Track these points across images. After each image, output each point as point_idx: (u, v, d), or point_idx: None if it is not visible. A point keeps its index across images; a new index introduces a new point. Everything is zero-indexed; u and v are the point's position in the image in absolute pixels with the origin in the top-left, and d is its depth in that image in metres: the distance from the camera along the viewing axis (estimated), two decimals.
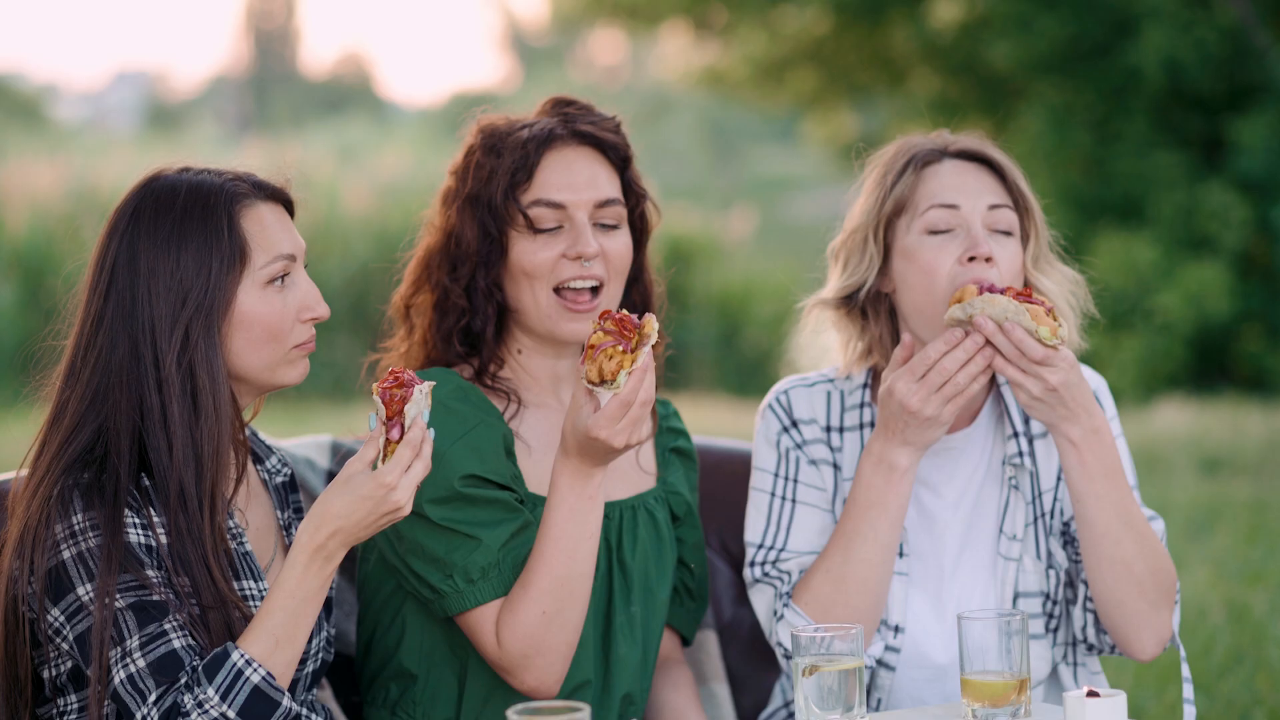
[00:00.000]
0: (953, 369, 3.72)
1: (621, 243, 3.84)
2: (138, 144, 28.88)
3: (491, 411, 3.74)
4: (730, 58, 20.76)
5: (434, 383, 3.43)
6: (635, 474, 3.95)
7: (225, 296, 3.36)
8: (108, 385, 3.35)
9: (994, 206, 3.88)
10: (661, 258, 4.08)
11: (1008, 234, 3.89)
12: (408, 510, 3.29)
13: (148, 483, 3.33)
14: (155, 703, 3.18)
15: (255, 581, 3.44)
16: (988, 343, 3.70)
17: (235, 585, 3.37)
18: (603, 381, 3.44)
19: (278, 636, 3.25)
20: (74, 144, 25.94)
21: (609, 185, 3.85)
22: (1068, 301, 3.98)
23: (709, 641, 4.32)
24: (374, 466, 3.28)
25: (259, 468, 3.68)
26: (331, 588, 3.66)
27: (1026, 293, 3.73)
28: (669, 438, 4.06)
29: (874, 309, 3.98)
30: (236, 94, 51.82)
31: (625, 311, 3.51)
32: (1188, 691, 3.92)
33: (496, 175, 3.80)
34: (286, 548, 3.61)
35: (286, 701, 3.25)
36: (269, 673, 3.22)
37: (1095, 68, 18.21)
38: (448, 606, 3.63)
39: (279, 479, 3.70)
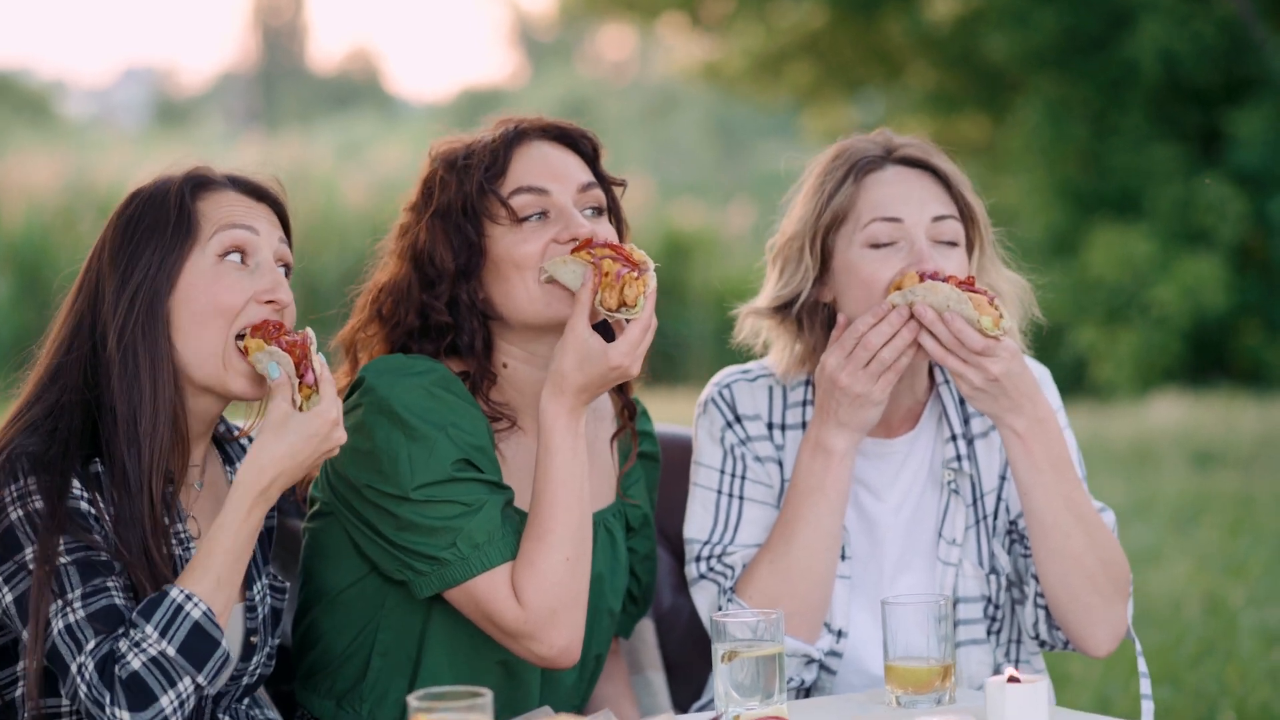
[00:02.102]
0: (877, 344, 3.66)
1: (608, 230, 3.71)
2: (145, 140, 28.93)
3: (475, 404, 3.64)
4: (727, 51, 20.74)
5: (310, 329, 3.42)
6: (606, 485, 3.86)
7: (172, 272, 3.36)
8: (64, 364, 3.37)
9: (938, 218, 3.79)
10: (660, 252, 3.99)
11: (953, 245, 3.80)
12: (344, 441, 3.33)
13: (100, 469, 3.30)
14: (91, 651, 3.13)
15: None
16: (913, 318, 3.65)
17: None
18: (620, 307, 3.46)
19: (220, 576, 3.22)
20: (81, 140, 26.00)
21: (584, 172, 3.75)
22: (1014, 308, 3.91)
23: (645, 629, 4.24)
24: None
25: (228, 469, 3.63)
26: (282, 599, 3.61)
27: (969, 282, 3.67)
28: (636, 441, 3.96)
29: (809, 319, 3.90)
30: (244, 90, 51.87)
31: (604, 239, 3.55)
32: (1145, 686, 3.85)
33: (466, 180, 3.69)
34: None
35: (225, 643, 3.21)
36: (210, 608, 3.19)
37: (1092, 61, 18.19)
38: (450, 576, 3.51)
39: None
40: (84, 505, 3.25)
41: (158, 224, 3.39)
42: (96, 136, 29.14)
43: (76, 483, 3.26)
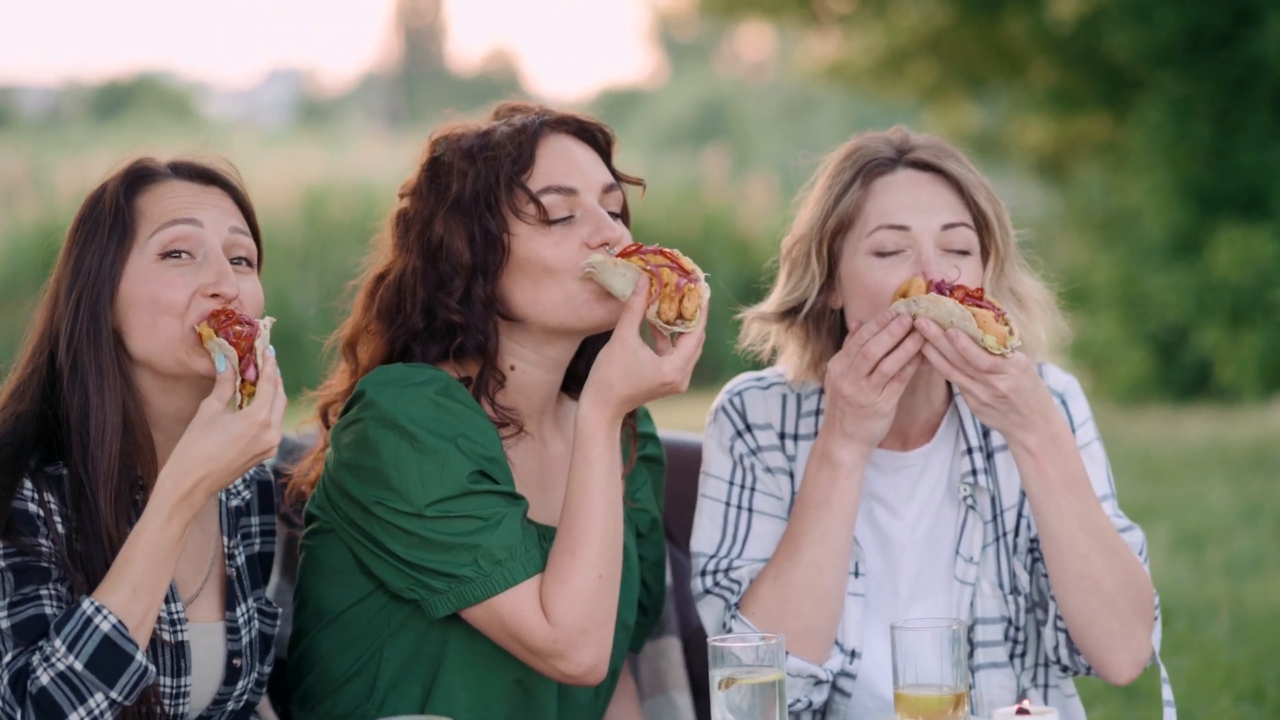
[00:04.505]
0: (878, 353, 3.52)
1: (625, 234, 3.59)
2: (283, 140, 29.16)
3: (481, 412, 3.52)
4: (850, 50, 20.61)
5: (273, 319, 3.30)
6: None
7: (112, 275, 3.29)
8: (28, 375, 3.32)
9: (949, 226, 3.63)
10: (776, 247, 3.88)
11: (964, 253, 3.64)
12: (276, 446, 3.22)
13: (64, 470, 3.24)
14: (8, 664, 3.08)
15: (167, 604, 3.30)
16: (915, 329, 3.50)
17: None
18: (678, 319, 3.37)
19: (135, 584, 3.13)
20: (216, 140, 26.19)
21: (604, 171, 3.64)
22: (1039, 317, 3.77)
23: (671, 649, 4.13)
24: (232, 407, 3.20)
25: None
26: (272, 625, 3.51)
27: (977, 294, 3.50)
28: (639, 444, 3.84)
29: (815, 326, 3.76)
30: (386, 90, 52.40)
31: (655, 245, 3.44)
32: (1169, 716, 3.72)
33: (488, 171, 3.54)
34: (225, 578, 3.46)
35: (140, 657, 3.12)
36: (120, 621, 3.10)
37: (1216, 58, 17.87)
38: (470, 594, 3.39)
39: (235, 501, 3.53)
40: (31, 507, 3.18)
41: (97, 226, 3.32)
42: (234, 137, 29.38)
43: (28, 482, 3.19)
